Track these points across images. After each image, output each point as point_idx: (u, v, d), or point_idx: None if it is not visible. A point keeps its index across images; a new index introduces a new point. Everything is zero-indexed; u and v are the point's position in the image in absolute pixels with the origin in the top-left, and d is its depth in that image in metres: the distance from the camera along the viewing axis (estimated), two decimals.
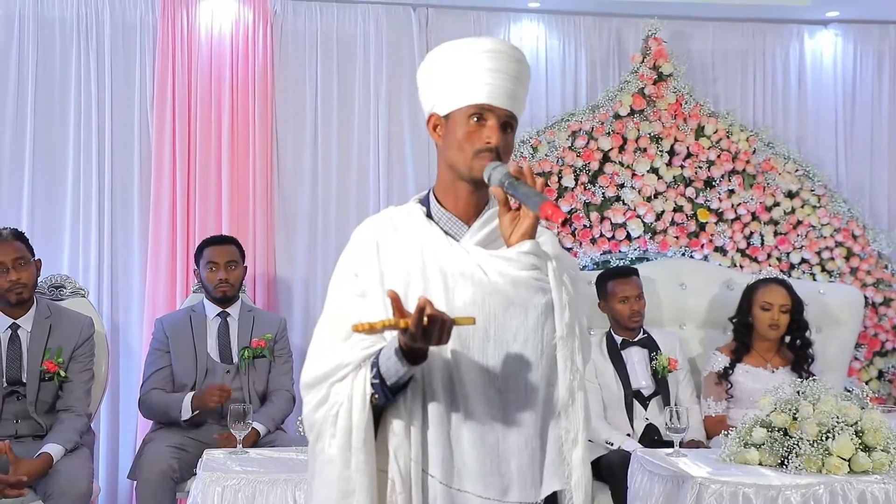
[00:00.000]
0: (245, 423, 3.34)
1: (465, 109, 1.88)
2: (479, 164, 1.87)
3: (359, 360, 1.83)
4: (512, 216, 1.85)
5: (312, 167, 4.90)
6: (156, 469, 3.69)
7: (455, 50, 1.91)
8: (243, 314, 4.15)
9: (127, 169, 4.74)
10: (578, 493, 1.88)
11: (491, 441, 1.83)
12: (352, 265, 1.93)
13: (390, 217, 1.97)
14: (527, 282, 1.84)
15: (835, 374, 4.54)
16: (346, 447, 1.82)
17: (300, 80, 4.91)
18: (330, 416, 1.84)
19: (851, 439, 3.07)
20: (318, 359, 1.88)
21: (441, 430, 1.83)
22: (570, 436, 1.88)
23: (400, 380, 1.79)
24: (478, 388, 1.83)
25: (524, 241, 1.84)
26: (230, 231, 4.62)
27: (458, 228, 1.93)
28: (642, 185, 4.83)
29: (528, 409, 1.85)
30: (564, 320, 1.86)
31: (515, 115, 1.91)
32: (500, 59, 1.89)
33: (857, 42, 5.30)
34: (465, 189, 1.92)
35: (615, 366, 4.19)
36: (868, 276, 4.96)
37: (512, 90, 1.89)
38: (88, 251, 4.67)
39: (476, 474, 1.82)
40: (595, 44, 5.16)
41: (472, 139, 1.87)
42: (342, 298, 1.92)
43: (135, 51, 4.74)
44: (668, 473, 3.17)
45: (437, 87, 1.93)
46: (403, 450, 1.82)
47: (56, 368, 3.72)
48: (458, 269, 1.85)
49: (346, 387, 1.83)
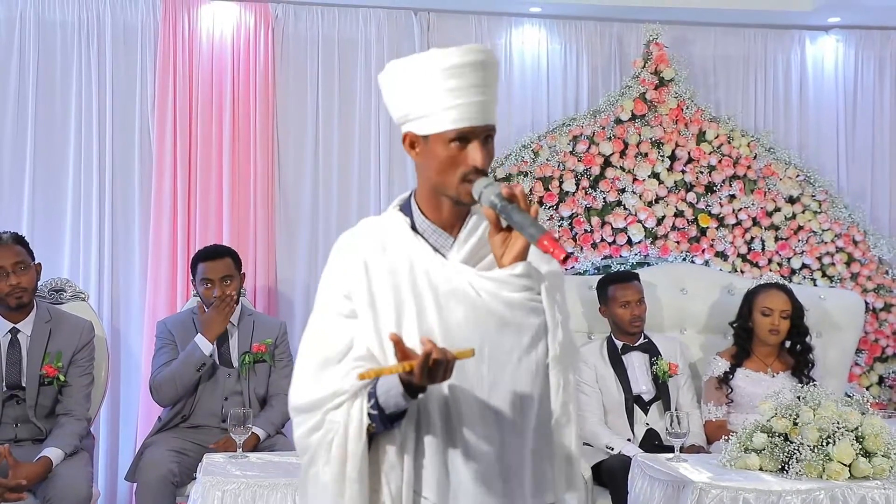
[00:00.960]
0: (245, 427, 3.34)
1: (446, 134, 1.82)
2: (465, 189, 1.83)
3: (355, 390, 1.81)
4: (503, 237, 1.82)
5: (313, 172, 4.91)
6: (155, 473, 3.69)
7: (419, 67, 1.83)
8: (243, 319, 4.15)
9: (127, 173, 4.75)
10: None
11: (487, 460, 1.84)
12: (340, 284, 1.89)
13: (374, 232, 1.92)
14: (520, 303, 1.84)
15: (835, 380, 4.54)
16: (341, 476, 1.81)
17: (301, 84, 4.92)
18: (325, 442, 1.82)
19: (852, 445, 3.08)
20: (311, 384, 1.85)
21: (436, 452, 1.83)
22: (563, 451, 1.90)
23: (398, 409, 1.79)
24: (473, 409, 1.84)
25: (517, 263, 1.82)
26: (230, 236, 4.63)
27: (444, 241, 1.90)
28: (643, 189, 4.84)
29: (523, 428, 1.86)
30: (558, 340, 1.87)
31: (493, 125, 1.87)
32: (466, 74, 1.81)
33: (858, 48, 5.31)
34: (448, 202, 1.89)
35: (616, 371, 4.19)
36: (869, 281, 4.97)
37: (483, 102, 1.84)
38: (89, 255, 4.69)
39: (472, 494, 1.83)
40: (596, 48, 5.17)
41: (456, 163, 1.83)
42: (329, 319, 1.89)
43: (136, 54, 4.76)
44: (669, 478, 3.18)
45: (406, 104, 1.86)
46: (395, 472, 1.83)
47: (56, 373, 3.72)
48: (450, 288, 1.84)
49: (342, 414, 1.81)
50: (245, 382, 4.02)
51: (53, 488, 3.50)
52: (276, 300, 4.84)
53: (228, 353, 4.08)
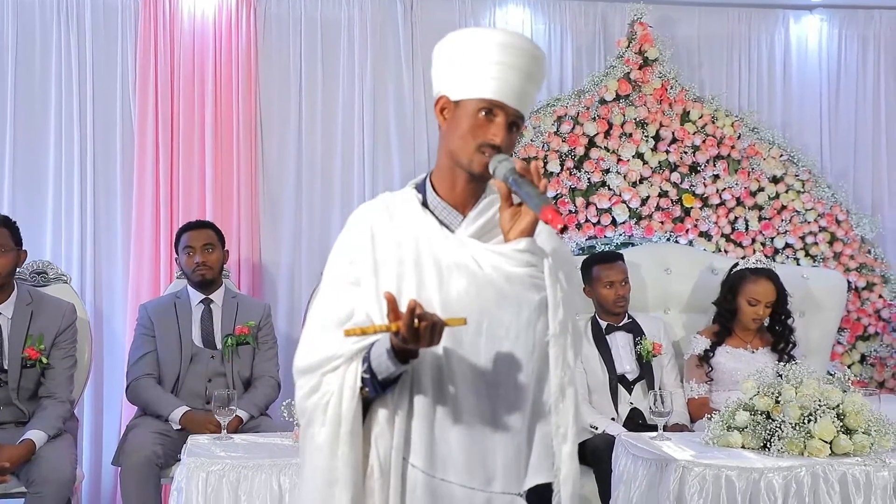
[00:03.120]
0: (229, 408, 3.34)
1: (476, 102, 1.87)
2: (479, 159, 1.86)
3: (351, 353, 1.84)
4: (513, 212, 1.84)
5: (297, 152, 4.89)
6: (140, 455, 3.68)
7: (472, 37, 1.91)
8: (227, 301, 4.15)
9: (109, 154, 4.71)
10: (566, 488, 1.90)
11: (477, 434, 1.85)
12: (347, 252, 1.93)
13: (386, 204, 1.96)
14: (521, 278, 1.84)
15: (818, 358, 4.58)
16: (335, 437, 1.83)
17: (284, 65, 4.89)
18: (321, 404, 1.85)
19: (833, 422, 3.11)
20: (311, 347, 1.89)
21: (426, 421, 1.84)
22: (559, 431, 1.89)
23: (390, 376, 1.81)
24: (467, 381, 1.85)
25: (521, 238, 1.84)
26: (214, 217, 4.61)
27: (453, 218, 1.93)
28: (627, 170, 4.84)
29: (517, 404, 1.87)
30: (558, 318, 1.86)
31: (523, 115, 1.91)
32: (516, 55, 1.87)
33: (842, 27, 5.31)
34: (462, 177, 1.91)
35: (600, 350, 4.21)
36: (851, 260, 4.99)
37: (522, 88, 1.88)
38: (71, 237, 4.66)
39: (460, 465, 1.84)
40: (581, 29, 5.15)
41: (476, 133, 1.87)
42: (336, 285, 1.92)
43: (116, 34, 4.71)
44: (652, 457, 3.20)
45: (449, 70, 1.92)
46: (385, 438, 1.84)
47: (38, 355, 3.70)
48: (453, 261, 1.85)
49: (337, 378, 1.84)
50: (228, 365, 4.01)
51: (37, 471, 3.49)
52: (261, 282, 4.83)
53: (212, 334, 4.07)
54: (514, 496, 1.87)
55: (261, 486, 2.99)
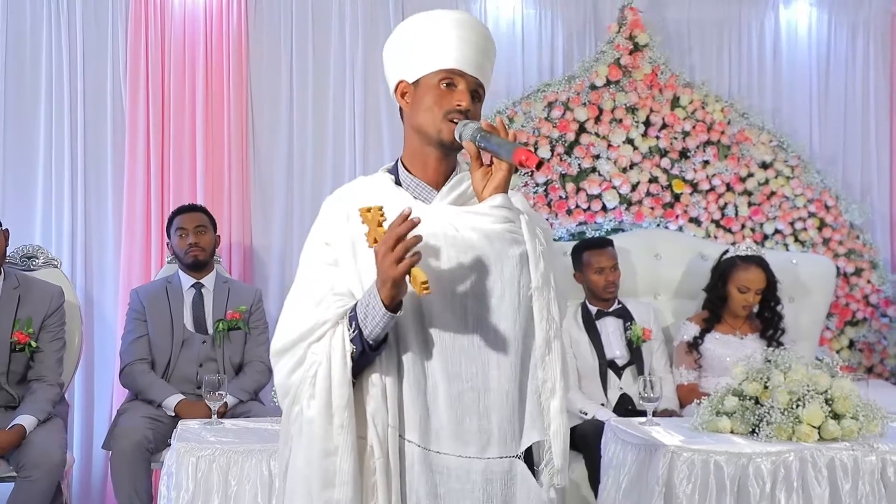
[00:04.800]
0: (219, 393, 3.32)
1: (435, 74, 1.88)
2: (448, 127, 1.87)
3: (336, 318, 1.82)
4: (484, 171, 1.85)
5: (288, 138, 4.85)
6: (130, 440, 3.67)
7: (424, 20, 1.93)
8: (218, 285, 4.13)
9: (100, 139, 4.67)
10: (557, 442, 1.89)
11: (470, 399, 1.83)
12: (323, 235, 1.92)
13: (359, 187, 1.97)
14: (500, 235, 1.84)
15: (806, 344, 4.58)
16: (328, 406, 1.80)
17: (275, 52, 4.84)
18: (308, 377, 1.82)
19: (821, 407, 3.10)
20: (292, 323, 1.86)
21: (418, 393, 1.82)
22: (547, 385, 1.88)
23: (375, 329, 1.77)
24: (455, 345, 1.83)
25: (496, 194, 1.83)
26: (205, 201, 4.57)
27: (427, 193, 1.92)
28: (618, 155, 4.82)
29: (506, 362, 1.85)
30: (539, 271, 1.86)
31: (484, 84, 1.92)
32: (469, 30, 1.91)
33: (831, 13, 5.29)
34: (433, 155, 1.91)
35: (590, 336, 4.20)
36: (840, 246, 4.99)
37: (479, 61, 1.91)
38: (62, 221, 4.61)
39: (454, 435, 1.82)
40: (571, 14, 5.11)
41: (441, 103, 1.88)
42: (314, 267, 1.91)
43: (107, 22, 4.65)
44: (641, 442, 3.19)
45: (404, 56, 1.93)
46: (381, 415, 1.81)
47: (27, 339, 3.68)
48: (430, 230, 1.82)
49: (323, 345, 1.81)
50: (219, 350, 3.99)
51: (27, 455, 3.48)
52: (252, 266, 4.80)
53: (203, 319, 4.05)
54: (512, 459, 1.86)
55: (251, 470, 2.97)
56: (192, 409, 3.73)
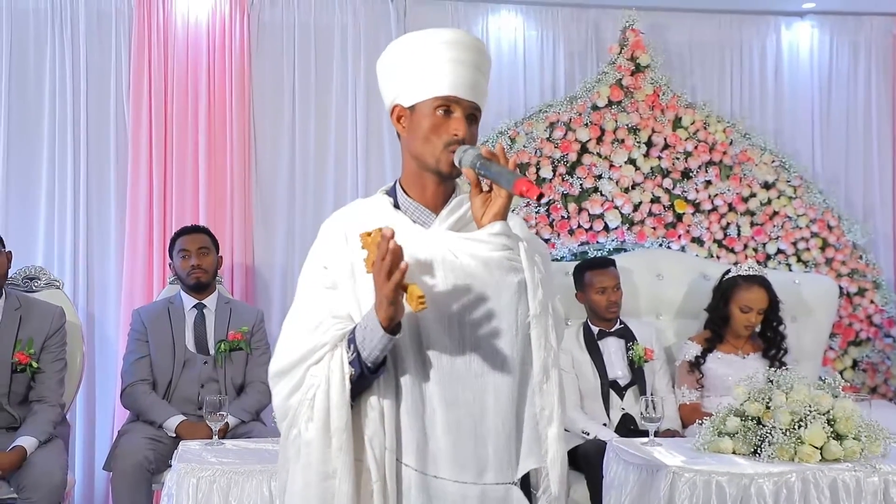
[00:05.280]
0: (220, 414, 3.33)
1: (431, 101, 1.87)
2: (447, 158, 1.87)
3: (334, 341, 1.82)
4: (483, 198, 1.84)
5: (290, 158, 4.88)
6: (131, 460, 3.67)
7: (416, 41, 1.91)
8: (220, 306, 4.13)
9: (103, 159, 4.70)
10: (554, 470, 1.89)
11: (467, 424, 1.83)
12: (322, 258, 1.92)
13: (358, 210, 1.97)
14: (499, 262, 1.84)
15: (809, 364, 4.56)
16: (326, 429, 1.80)
17: (277, 71, 4.88)
18: (306, 399, 1.82)
19: (823, 428, 3.09)
20: (290, 346, 1.87)
21: (415, 417, 1.82)
22: (545, 413, 1.88)
23: (374, 351, 1.77)
24: (453, 370, 1.83)
25: (495, 222, 1.83)
26: (207, 221, 4.59)
27: (426, 217, 1.92)
28: (620, 176, 4.83)
29: (504, 389, 1.85)
30: (538, 298, 1.86)
31: (480, 106, 1.92)
32: (462, 50, 1.89)
33: (833, 34, 5.32)
34: (431, 180, 1.92)
35: (592, 356, 4.19)
36: (843, 266, 4.99)
37: (474, 81, 1.90)
38: (64, 242, 4.64)
39: (451, 459, 1.82)
40: (573, 35, 5.15)
41: (439, 132, 1.87)
42: (312, 291, 1.91)
43: (110, 41, 4.70)
44: (643, 462, 3.18)
45: (399, 78, 1.92)
46: (378, 438, 1.81)
47: (28, 360, 3.69)
48: (429, 255, 1.83)
49: (322, 368, 1.81)
50: (221, 370, 4.00)
51: (28, 476, 3.48)
52: (254, 286, 4.81)
53: (205, 340, 4.06)
54: (509, 485, 1.85)
55: (251, 491, 2.96)
56: (194, 429, 3.73)
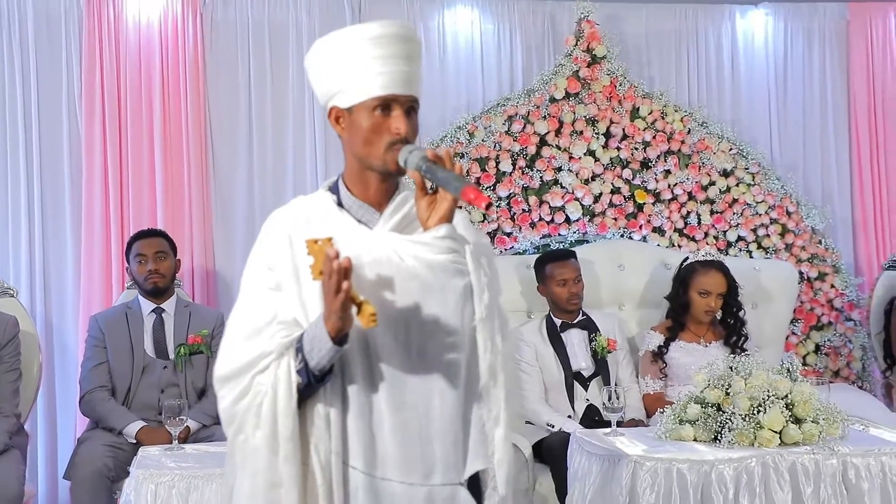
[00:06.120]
0: (179, 418, 3.30)
1: (369, 102, 1.85)
2: (391, 157, 1.85)
3: (281, 348, 1.81)
4: (429, 200, 1.84)
5: (248, 158, 4.85)
6: (90, 468, 3.63)
7: (344, 40, 1.86)
8: (179, 309, 4.10)
9: (56, 163, 4.64)
10: (501, 471, 1.91)
11: (414, 427, 1.83)
12: (265, 258, 1.90)
13: (301, 208, 1.94)
14: (444, 265, 1.83)
15: (771, 349, 4.60)
16: (273, 437, 1.80)
17: (232, 69, 4.84)
18: (253, 406, 1.81)
19: (782, 412, 3.12)
20: (236, 352, 1.85)
21: (362, 420, 1.82)
22: (491, 415, 1.90)
23: (321, 360, 1.76)
24: (399, 374, 1.83)
25: (441, 224, 1.82)
26: (165, 225, 4.55)
27: (369, 216, 1.91)
28: (579, 167, 4.84)
29: (450, 392, 1.86)
30: (484, 302, 1.87)
31: (417, 97, 1.90)
32: (391, 44, 1.85)
33: (787, 21, 5.35)
34: (375, 178, 1.91)
35: (555, 348, 4.21)
36: (803, 251, 5.02)
37: (407, 73, 1.87)
38: (19, 250, 4.58)
39: (398, 461, 1.82)
40: (530, 28, 5.14)
41: (380, 131, 1.85)
42: (256, 292, 1.89)
43: (60, 43, 4.64)
44: (605, 453, 3.20)
45: (331, 79, 1.89)
46: (324, 443, 1.81)
47: None
48: (374, 257, 1.83)
49: (269, 376, 1.81)
50: (181, 374, 3.96)
51: None
52: (215, 288, 4.77)
53: (164, 344, 4.02)
54: (456, 486, 1.86)
55: (211, 495, 2.95)
56: (154, 435, 3.69)
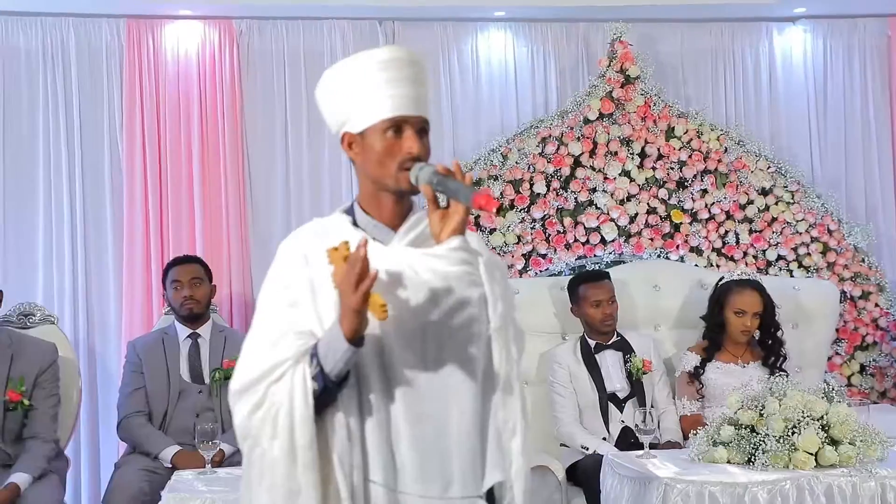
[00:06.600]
0: (213, 443, 3.33)
1: (380, 125, 1.87)
2: (404, 176, 1.87)
3: (296, 356, 1.80)
4: (441, 214, 1.85)
5: (284, 184, 4.91)
6: (127, 493, 3.69)
7: (352, 67, 1.90)
8: (214, 334, 4.15)
9: (98, 194, 4.76)
10: (518, 482, 1.90)
11: (431, 439, 1.83)
12: (282, 277, 1.91)
13: (316, 229, 1.96)
14: (458, 277, 1.84)
15: (813, 371, 4.50)
16: (291, 445, 1.79)
17: (269, 98, 4.92)
18: (269, 417, 1.80)
19: (817, 433, 3.06)
20: (250, 363, 1.85)
21: (381, 435, 1.82)
22: (508, 426, 1.90)
23: (337, 364, 1.77)
24: (416, 386, 1.84)
25: (453, 237, 1.84)
26: (204, 252, 4.63)
27: (384, 234, 1.93)
28: (614, 188, 4.82)
29: (467, 403, 1.86)
30: (498, 312, 1.88)
31: (426, 118, 1.92)
32: (399, 67, 1.88)
33: (826, 37, 5.28)
34: (389, 199, 1.92)
35: (589, 370, 4.17)
36: (845, 270, 4.93)
37: (416, 94, 1.90)
38: (63, 279, 4.69)
39: (417, 474, 1.82)
40: (563, 50, 5.15)
41: (392, 152, 1.87)
42: (272, 309, 1.90)
43: (101, 77, 4.77)
44: (637, 475, 3.17)
45: (342, 106, 1.92)
46: (347, 457, 1.81)
47: (19, 398, 3.70)
48: (389, 272, 1.84)
49: (284, 385, 1.79)
50: (216, 399, 4.00)
51: None
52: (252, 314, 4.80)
53: (200, 369, 4.08)
54: (474, 499, 1.86)
55: None
56: (189, 459, 3.73)
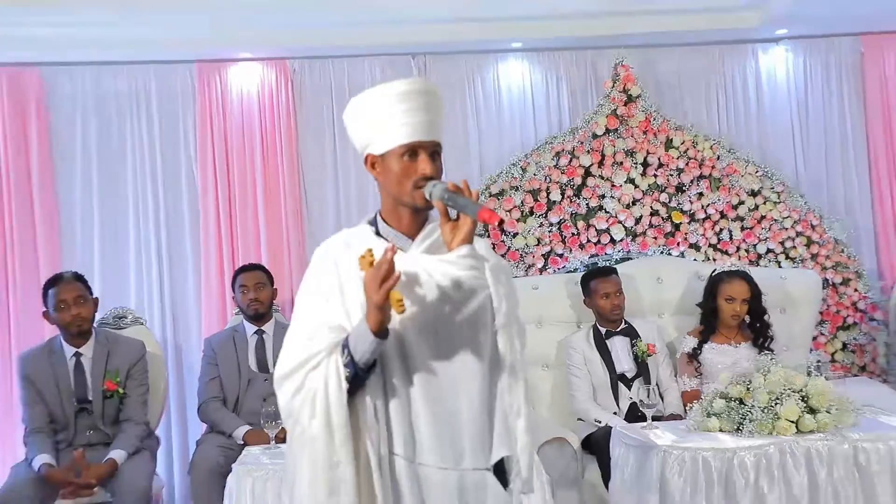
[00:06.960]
0: (276, 422, 3.41)
1: (398, 149, 1.93)
2: (419, 194, 1.93)
3: (330, 346, 1.87)
4: (452, 225, 1.91)
5: (335, 202, 5.00)
6: (206, 466, 3.80)
7: (375, 97, 1.95)
8: (277, 331, 4.24)
9: (178, 215, 4.89)
10: (524, 458, 1.95)
11: (445, 418, 1.89)
12: (315, 281, 1.98)
13: (344, 237, 2.03)
14: (467, 280, 1.89)
15: (800, 350, 4.48)
16: (328, 424, 1.85)
17: (320, 127, 5.00)
18: (308, 400, 1.86)
19: (797, 403, 3.06)
20: (291, 353, 1.92)
21: (403, 415, 1.88)
22: (513, 408, 1.95)
23: (365, 354, 1.83)
24: (431, 373, 1.90)
25: (463, 245, 1.89)
26: (267, 261, 4.73)
27: (403, 242, 1.98)
28: (621, 194, 4.82)
29: (475, 390, 1.91)
30: (503, 311, 1.93)
31: (439, 142, 1.97)
32: (415, 98, 1.93)
33: (805, 55, 5.22)
34: (407, 212, 1.98)
35: (601, 354, 4.19)
36: (827, 260, 4.88)
37: (430, 121, 1.94)
38: (152, 287, 4.83)
39: (434, 447, 1.88)
40: (573, 74, 5.16)
41: (408, 174, 1.93)
42: (308, 306, 1.96)
43: (178, 114, 4.90)
44: (639, 444, 3.19)
45: (366, 130, 1.97)
46: (375, 433, 1.87)
47: (115, 387, 3.85)
48: (407, 274, 1.89)
49: (321, 371, 1.86)
50: None
51: (119, 483, 3.65)
52: None
53: (265, 360, 4.17)
54: (483, 471, 1.91)
55: None
56: (258, 437, 3.82)
